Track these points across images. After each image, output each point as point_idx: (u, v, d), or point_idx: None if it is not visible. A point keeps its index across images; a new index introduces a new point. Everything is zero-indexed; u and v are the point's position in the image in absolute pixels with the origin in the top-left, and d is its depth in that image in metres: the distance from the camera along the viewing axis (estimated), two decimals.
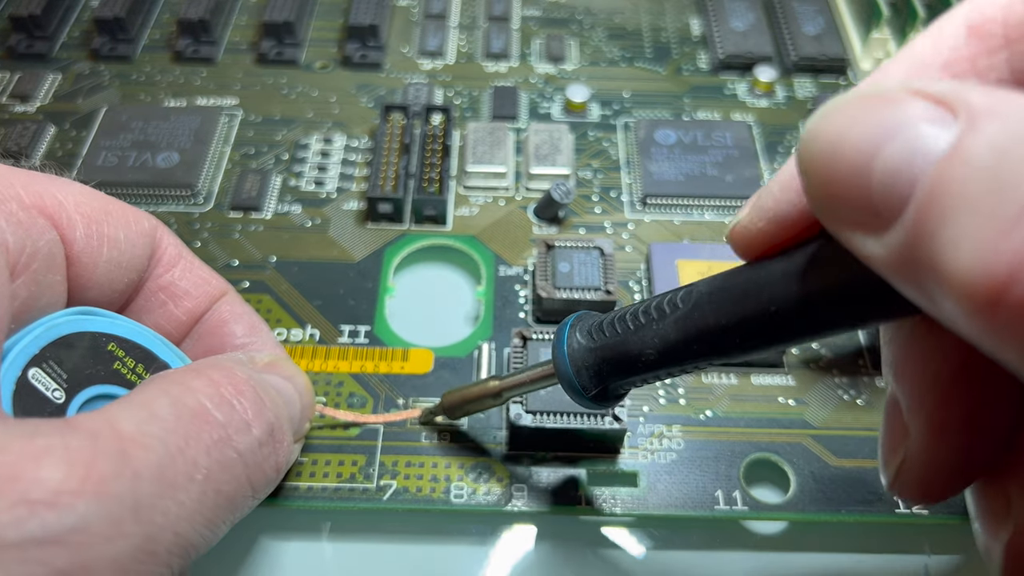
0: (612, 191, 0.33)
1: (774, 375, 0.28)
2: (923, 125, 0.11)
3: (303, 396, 0.22)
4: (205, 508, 0.16)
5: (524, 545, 0.26)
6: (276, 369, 0.22)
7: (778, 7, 0.41)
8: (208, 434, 0.17)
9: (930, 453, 0.15)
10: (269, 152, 0.35)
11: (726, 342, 0.16)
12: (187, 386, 0.18)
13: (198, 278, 0.23)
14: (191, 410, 0.17)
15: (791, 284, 0.14)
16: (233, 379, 0.19)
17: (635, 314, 0.18)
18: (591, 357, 0.19)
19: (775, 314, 0.15)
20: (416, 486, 0.25)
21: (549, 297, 0.28)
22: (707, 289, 0.16)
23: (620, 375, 0.19)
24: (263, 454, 0.19)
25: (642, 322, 0.18)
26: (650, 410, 0.27)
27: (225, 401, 0.18)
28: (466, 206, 0.33)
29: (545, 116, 0.36)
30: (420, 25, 0.41)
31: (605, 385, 0.19)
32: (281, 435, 0.19)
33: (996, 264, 0.10)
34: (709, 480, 0.26)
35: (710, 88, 0.38)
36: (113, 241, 0.20)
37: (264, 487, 0.19)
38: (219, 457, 0.17)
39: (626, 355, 0.18)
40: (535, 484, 0.25)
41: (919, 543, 0.26)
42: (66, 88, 0.38)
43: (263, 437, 0.19)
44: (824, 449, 0.26)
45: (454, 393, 0.24)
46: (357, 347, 0.28)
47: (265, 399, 0.19)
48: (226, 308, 0.23)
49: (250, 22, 0.41)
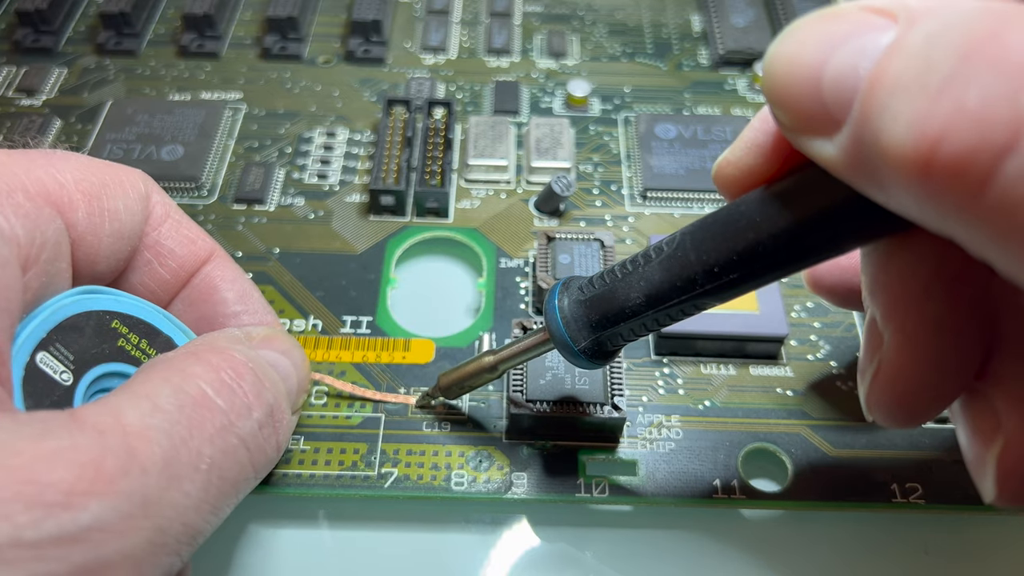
0: (612, 184, 0.34)
1: (773, 367, 0.28)
2: (867, 32, 0.12)
3: (299, 369, 0.22)
4: (210, 495, 0.17)
5: (523, 532, 0.26)
6: (272, 344, 0.21)
7: (779, 3, 0.41)
8: (211, 422, 0.17)
9: (903, 360, 0.15)
10: (272, 145, 0.35)
11: (709, 279, 0.16)
12: (188, 373, 0.18)
13: (184, 237, 0.22)
14: (193, 399, 0.17)
15: (770, 213, 0.15)
16: (232, 363, 0.19)
17: (623, 264, 0.18)
18: (580, 310, 0.19)
19: (755, 244, 0.15)
20: (417, 474, 0.25)
21: (550, 288, 0.28)
22: (690, 229, 0.17)
23: (609, 324, 0.19)
24: (264, 436, 0.19)
25: (629, 270, 0.18)
26: (649, 400, 0.27)
27: (226, 386, 0.18)
28: (467, 199, 0.33)
29: (546, 111, 0.37)
30: (423, 20, 0.41)
31: (596, 338, 0.19)
32: (281, 414, 0.20)
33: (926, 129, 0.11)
34: (707, 469, 0.26)
35: (710, 84, 0.38)
36: (114, 214, 0.20)
37: (265, 467, 0.19)
38: (222, 445, 0.17)
39: (613, 303, 0.18)
40: (535, 472, 0.25)
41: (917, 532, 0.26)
42: (72, 82, 0.38)
43: (263, 419, 0.19)
44: (822, 440, 0.27)
45: (450, 373, 0.25)
46: (359, 337, 0.29)
47: (264, 380, 0.19)
48: (216, 272, 0.23)
49: (254, 17, 0.41)
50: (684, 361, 0.28)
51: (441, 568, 0.25)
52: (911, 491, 0.25)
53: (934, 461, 0.26)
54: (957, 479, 0.26)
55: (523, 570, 0.25)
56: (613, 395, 0.25)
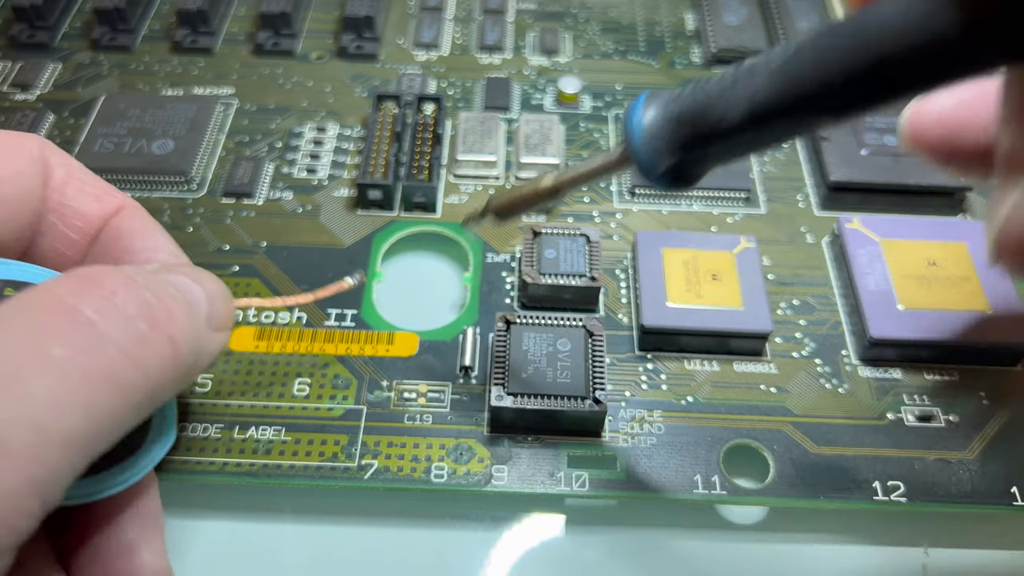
0: (600, 181, 0.34)
1: (757, 363, 0.28)
2: None
3: (213, 295, 0.20)
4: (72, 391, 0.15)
5: (502, 525, 0.26)
6: (176, 271, 0.20)
7: (772, 2, 0.41)
8: (62, 320, 0.16)
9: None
10: (263, 140, 0.35)
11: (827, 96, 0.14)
12: (43, 288, 0.16)
13: (89, 195, 0.21)
14: (41, 304, 0.16)
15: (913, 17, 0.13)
16: (97, 271, 0.17)
17: (723, 76, 0.16)
18: (666, 126, 0.17)
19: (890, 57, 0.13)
20: (397, 466, 0.25)
21: (534, 283, 0.28)
22: (808, 37, 0.15)
23: (700, 144, 0.17)
24: (142, 331, 0.17)
25: (729, 82, 0.16)
26: (632, 395, 0.27)
27: (83, 287, 0.16)
28: (456, 194, 0.33)
29: (537, 107, 0.37)
30: (416, 17, 0.41)
31: (681, 160, 0.17)
32: (170, 313, 0.18)
33: None
34: (688, 464, 0.26)
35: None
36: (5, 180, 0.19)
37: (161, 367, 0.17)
38: (80, 339, 0.15)
39: (708, 119, 0.16)
40: (515, 465, 0.25)
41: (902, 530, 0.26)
42: (66, 77, 0.38)
43: (138, 313, 0.17)
44: (804, 436, 0.26)
45: (502, 195, 0.22)
46: (343, 330, 0.29)
47: (144, 288, 0.17)
48: (123, 224, 0.21)
49: (248, 13, 0.41)
50: (668, 357, 0.28)
51: (417, 561, 0.25)
52: (893, 489, 0.25)
53: (916, 459, 0.26)
54: (939, 477, 0.25)
55: (502, 564, 0.25)
56: (595, 389, 0.25)
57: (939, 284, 0.28)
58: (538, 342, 0.26)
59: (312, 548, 0.26)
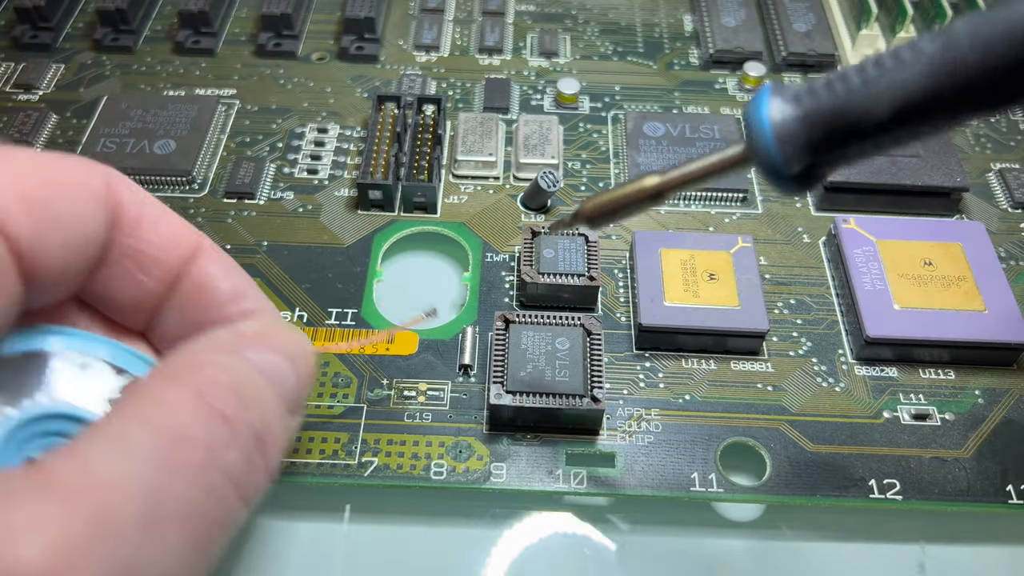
0: (600, 181, 0.34)
1: (753, 362, 0.28)
2: None
3: (298, 364, 0.19)
4: (196, 543, 0.15)
5: (501, 523, 0.26)
6: (266, 340, 0.19)
7: (770, 4, 0.41)
8: (190, 459, 0.15)
9: None
10: (264, 140, 0.35)
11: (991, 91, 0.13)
12: (163, 403, 0.16)
13: (164, 238, 0.19)
14: (169, 434, 0.15)
15: None
16: (212, 383, 0.16)
17: (862, 67, 0.15)
18: (799, 126, 0.15)
19: None
20: (397, 463, 0.26)
21: (533, 282, 0.29)
22: (966, 26, 0.13)
23: (837, 145, 0.15)
24: (253, 464, 0.17)
25: (872, 75, 0.14)
26: (629, 393, 0.27)
27: (206, 413, 0.16)
28: (455, 194, 0.33)
29: (537, 108, 0.37)
30: (416, 18, 0.41)
31: (815, 160, 0.16)
32: (273, 437, 0.17)
33: None
34: (685, 462, 0.26)
35: (700, 83, 0.38)
36: (60, 221, 0.17)
37: (256, 497, 0.17)
38: (204, 484, 0.15)
39: (848, 118, 0.15)
40: (514, 463, 0.26)
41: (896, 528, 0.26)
42: (69, 78, 0.38)
43: (250, 445, 0.16)
44: (801, 435, 0.27)
45: (598, 197, 0.20)
46: (344, 329, 0.29)
47: (251, 400, 0.17)
48: (204, 270, 0.20)
49: (249, 15, 0.42)
50: (665, 356, 0.28)
51: (416, 558, 0.25)
52: (889, 487, 0.25)
53: (912, 457, 0.26)
54: (935, 475, 0.26)
55: (501, 561, 0.25)
56: (592, 387, 0.26)
57: (935, 284, 0.29)
58: (537, 341, 0.27)
59: (312, 545, 0.26)
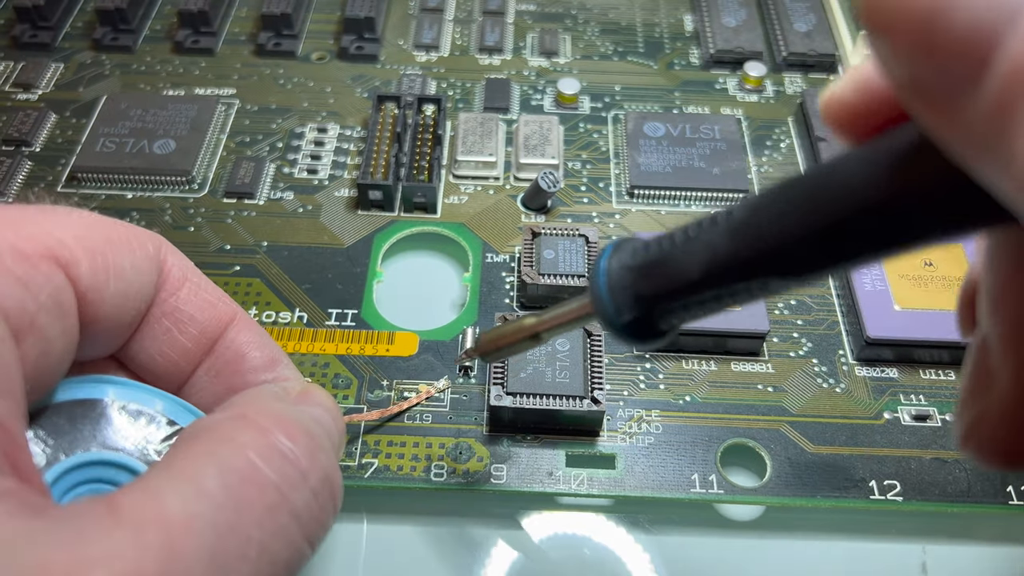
0: (600, 182, 0.34)
1: (754, 363, 0.28)
2: None
3: (337, 420, 0.20)
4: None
5: (501, 523, 0.26)
6: (310, 398, 0.19)
7: (771, 4, 0.41)
8: (260, 500, 0.15)
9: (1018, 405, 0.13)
10: (264, 140, 0.35)
11: (785, 256, 0.13)
12: (234, 441, 0.16)
13: (204, 302, 0.20)
14: (240, 474, 0.15)
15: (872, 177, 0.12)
16: (283, 423, 0.16)
17: (686, 227, 0.15)
18: (628, 277, 0.16)
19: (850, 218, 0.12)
20: (397, 464, 0.25)
21: (533, 283, 0.29)
22: (769, 193, 0.14)
23: (661, 299, 0.16)
24: (319, 505, 0.16)
25: (691, 235, 0.15)
26: (630, 394, 0.27)
27: (277, 454, 0.16)
28: (455, 194, 0.33)
29: (537, 108, 0.37)
30: (416, 18, 0.41)
31: (643, 313, 0.16)
32: (336, 478, 0.17)
33: None
34: (686, 463, 0.26)
35: (700, 83, 0.38)
36: (119, 271, 0.18)
37: (321, 539, 0.17)
38: (273, 526, 0.15)
39: (666, 273, 0.15)
40: (514, 464, 0.26)
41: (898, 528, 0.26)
42: (68, 77, 0.38)
43: (319, 486, 0.16)
44: (801, 436, 0.27)
45: (491, 333, 0.22)
46: (344, 329, 0.29)
47: (316, 440, 0.17)
48: (240, 337, 0.21)
49: (249, 14, 0.42)
50: (666, 356, 0.28)
51: (416, 559, 0.25)
52: (889, 488, 0.25)
53: (913, 458, 0.26)
54: (935, 476, 0.26)
55: (501, 561, 0.25)
56: (593, 389, 0.26)
57: (935, 284, 0.29)
58: None
59: None
